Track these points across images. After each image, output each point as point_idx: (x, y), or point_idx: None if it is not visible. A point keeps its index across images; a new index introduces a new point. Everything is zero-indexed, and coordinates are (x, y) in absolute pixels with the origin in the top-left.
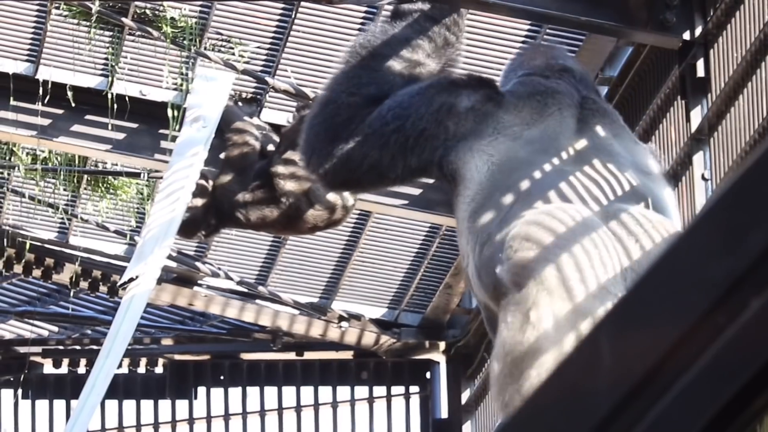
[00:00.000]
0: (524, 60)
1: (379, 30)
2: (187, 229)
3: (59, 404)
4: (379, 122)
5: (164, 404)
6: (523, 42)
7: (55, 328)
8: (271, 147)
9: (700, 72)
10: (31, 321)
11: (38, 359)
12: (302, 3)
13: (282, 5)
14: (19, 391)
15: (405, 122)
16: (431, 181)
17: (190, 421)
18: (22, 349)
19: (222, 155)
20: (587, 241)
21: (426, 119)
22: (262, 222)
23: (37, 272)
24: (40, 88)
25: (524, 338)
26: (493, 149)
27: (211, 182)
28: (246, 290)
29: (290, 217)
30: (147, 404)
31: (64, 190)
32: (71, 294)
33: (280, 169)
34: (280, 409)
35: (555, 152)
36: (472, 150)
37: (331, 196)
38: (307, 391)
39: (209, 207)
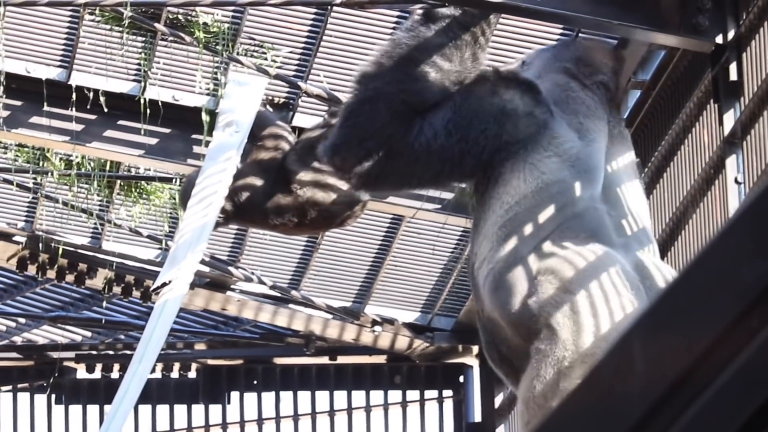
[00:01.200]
0: (570, 51)
1: (412, 32)
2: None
3: (92, 409)
4: (438, 135)
5: (197, 409)
6: None
7: (89, 333)
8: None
9: (733, 75)
10: (64, 326)
11: (71, 364)
12: (334, 7)
13: (314, 10)
14: (53, 396)
15: (467, 131)
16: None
17: (224, 425)
18: (56, 354)
19: (251, 157)
20: (622, 290)
21: (486, 121)
22: (282, 221)
23: (70, 277)
24: (73, 94)
25: (553, 394)
26: (545, 167)
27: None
28: (279, 294)
29: (308, 215)
30: (180, 409)
31: (98, 195)
32: (104, 299)
33: (301, 174)
34: (313, 414)
35: (592, 181)
36: (525, 161)
37: (349, 193)
38: (340, 396)
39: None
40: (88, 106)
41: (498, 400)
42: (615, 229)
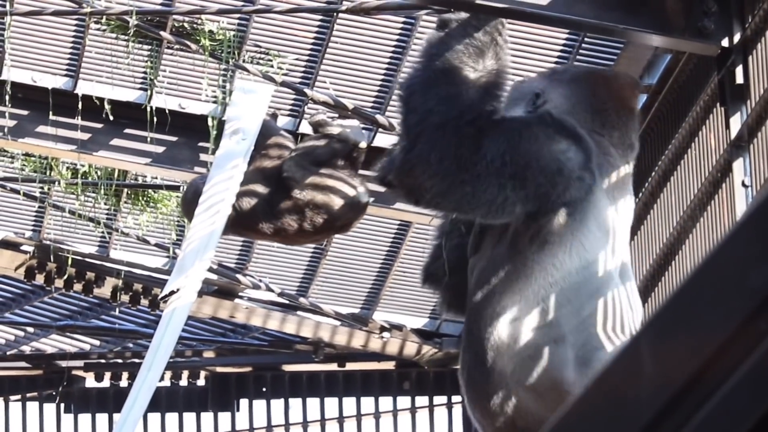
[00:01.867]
0: (594, 95)
1: (443, 44)
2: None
3: (102, 418)
4: (494, 164)
5: (206, 417)
6: (561, 51)
7: (97, 342)
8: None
9: (739, 79)
10: (72, 335)
11: (80, 373)
12: (340, 14)
13: (320, 17)
14: (62, 405)
15: (522, 172)
16: None
17: None
18: (64, 363)
19: (254, 166)
20: None
21: (541, 175)
22: (282, 227)
23: (78, 286)
24: (80, 103)
25: None
26: (589, 244)
27: None
28: (287, 302)
29: (308, 219)
30: (189, 417)
31: (105, 204)
32: (113, 308)
33: (300, 178)
34: (322, 420)
35: (621, 252)
36: (573, 236)
37: (350, 195)
38: (349, 402)
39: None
40: (95, 115)
41: None
42: (633, 310)
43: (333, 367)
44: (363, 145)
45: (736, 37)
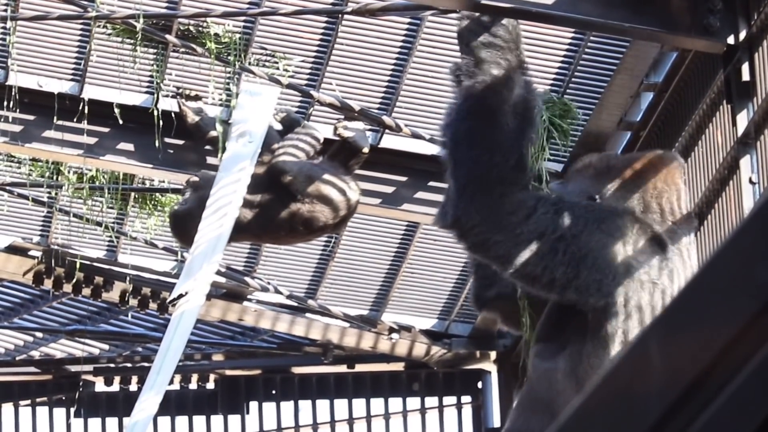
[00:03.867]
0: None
1: (472, 78)
2: (185, 221)
3: (111, 422)
4: (545, 241)
5: (216, 419)
6: (566, 50)
7: (106, 346)
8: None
9: (745, 76)
10: (81, 339)
11: (90, 377)
12: (345, 16)
13: (325, 18)
14: (72, 410)
15: (579, 264)
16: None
17: None
18: (74, 368)
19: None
20: None
21: (605, 274)
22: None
23: (86, 291)
24: (85, 107)
25: None
26: None
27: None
28: (296, 304)
29: (302, 218)
30: (199, 420)
31: (112, 208)
32: (122, 312)
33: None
34: (332, 422)
35: None
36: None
37: (338, 196)
38: (359, 404)
39: (203, 199)
40: (101, 119)
41: None
42: None
43: (342, 368)
44: (366, 150)
45: (742, 35)
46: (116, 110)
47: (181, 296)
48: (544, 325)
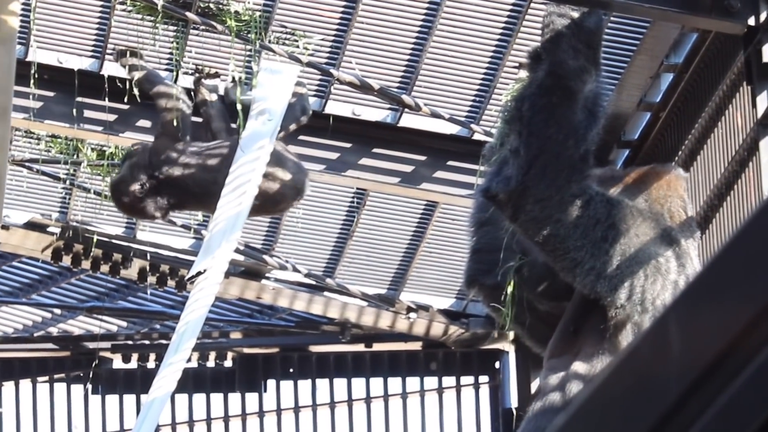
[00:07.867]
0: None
1: (552, 51)
2: (119, 188)
3: (129, 399)
4: (596, 229)
5: (234, 397)
6: None
7: (124, 323)
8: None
9: (766, 57)
10: (99, 316)
11: (107, 354)
12: None
13: None
14: (89, 386)
15: (620, 258)
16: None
17: (260, 414)
18: (92, 345)
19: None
20: None
21: (637, 274)
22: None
23: (105, 268)
24: (106, 84)
25: None
26: None
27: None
28: (314, 282)
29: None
30: (217, 398)
31: None
32: (140, 289)
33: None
34: (349, 401)
35: None
36: None
37: (286, 176)
38: (376, 383)
39: (137, 166)
40: (121, 96)
41: (534, 385)
42: None
43: (360, 347)
44: (305, 119)
45: (763, 16)
46: (135, 88)
47: (199, 274)
48: (557, 340)
